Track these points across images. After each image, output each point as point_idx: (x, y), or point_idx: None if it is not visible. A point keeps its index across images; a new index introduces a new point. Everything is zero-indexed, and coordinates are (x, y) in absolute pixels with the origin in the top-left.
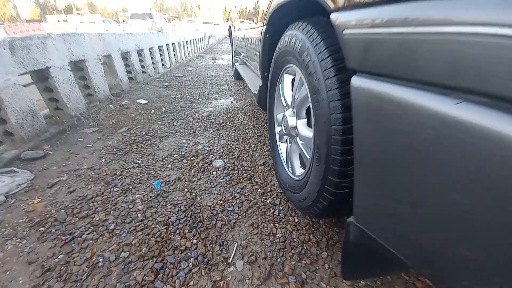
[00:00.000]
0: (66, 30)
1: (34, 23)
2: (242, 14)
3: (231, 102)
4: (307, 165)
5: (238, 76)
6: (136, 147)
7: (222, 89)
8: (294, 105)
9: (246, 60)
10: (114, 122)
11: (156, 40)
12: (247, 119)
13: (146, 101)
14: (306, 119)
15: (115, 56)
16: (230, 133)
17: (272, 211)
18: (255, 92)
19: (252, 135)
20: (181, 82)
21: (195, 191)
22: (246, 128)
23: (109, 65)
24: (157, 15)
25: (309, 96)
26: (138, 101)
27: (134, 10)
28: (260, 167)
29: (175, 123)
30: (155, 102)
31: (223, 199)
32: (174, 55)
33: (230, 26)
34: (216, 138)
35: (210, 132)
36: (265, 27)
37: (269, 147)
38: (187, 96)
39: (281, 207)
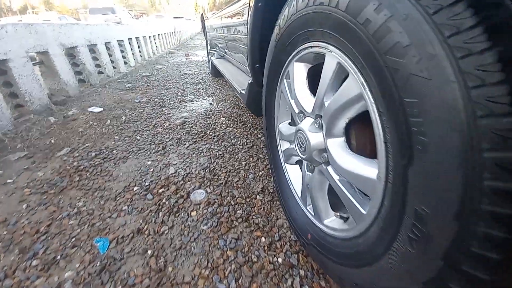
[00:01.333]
0: None
1: None
2: None
3: (210, 104)
4: (355, 220)
5: (215, 73)
6: (78, 178)
7: (198, 88)
8: (321, 113)
9: (225, 52)
10: (53, 142)
11: (115, 33)
12: (231, 125)
13: (101, 109)
14: (344, 138)
15: (55, 52)
16: (212, 146)
17: (288, 281)
18: (242, 92)
19: (241, 146)
20: (149, 82)
21: (164, 254)
22: (232, 137)
23: (47, 64)
24: (121, 9)
25: (370, 99)
26: (90, 109)
27: (95, 6)
28: (258, 197)
29: (138, 137)
30: (113, 109)
31: (210, 265)
32: (140, 51)
33: (202, 15)
34: (194, 154)
35: (186, 146)
36: None
37: (265, 162)
38: (156, 100)
39: (302, 272)
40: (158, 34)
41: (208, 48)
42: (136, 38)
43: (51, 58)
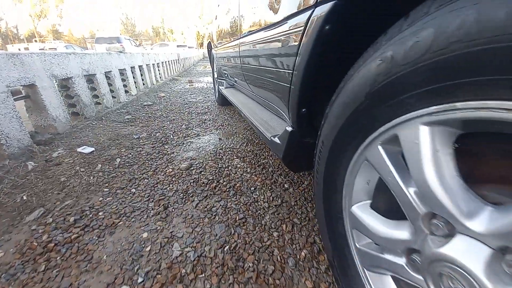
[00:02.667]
0: None
1: None
2: (234, 20)
3: (220, 139)
4: None
5: (223, 102)
6: (44, 267)
7: (204, 119)
8: None
9: (235, 82)
10: (25, 198)
11: (116, 62)
12: (249, 170)
13: (92, 149)
14: None
15: (43, 85)
16: (228, 204)
17: None
18: (274, 140)
19: (266, 204)
20: (150, 113)
21: None
22: (252, 188)
23: (33, 98)
24: (126, 39)
25: None
26: (80, 149)
27: (101, 35)
28: None
29: (133, 189)
30: (107, 148)
31: None
32: (143, 79)
33: (209, 43)
34: (207, 219)
35: (195, 204)
36: (329, 4)
37: (305, 231)
38: (157, 134)
39: None
40: (162, 62)
41: (215, 76)
42: (139, 66)
43: (38, 91)
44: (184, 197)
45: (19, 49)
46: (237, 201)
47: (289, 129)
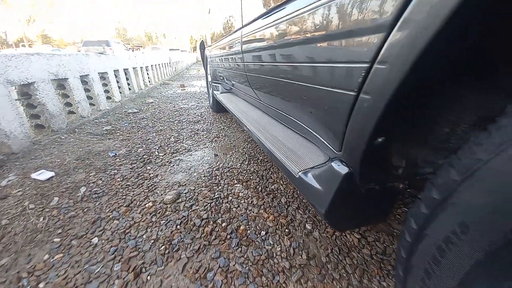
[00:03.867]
0: None
1: None
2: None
3: (215, 155)
4: None
5: (218, 108)
6: None
7: (197, 129)
8: None
9: (233, 86)
10: None
11: (96, 64)
12: (255, 202)
13: (52, 174)
14: None
15: None
16: (232, 266)
17: None
18: (305, 181)
19: (287, 263)
20: (135, 122)
21: None
22: (264, 233)
23: None
24: (116, 42)
25: None
26: (36, 175)
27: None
28: None
29: (95, 239)
30: (72, 172)
31: None
32: (129, 84)
33: (201, 42)
34: None
35: (181, 266)
36: None
37: None
38: (139, 150)
39: None
40: (152, 65)
41: (209, 79)
42: (124, 69)
43: None
44: (167, 252)
45: None
46: (243, 257)
47: (341, 168)
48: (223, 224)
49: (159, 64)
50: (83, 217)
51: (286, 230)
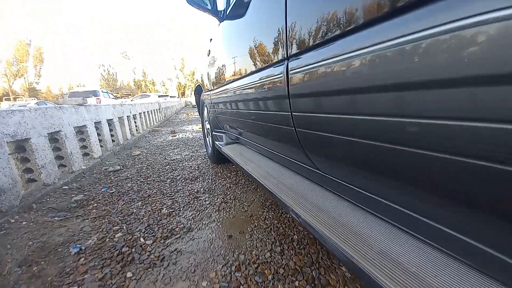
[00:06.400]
0: None
1: None
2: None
3: (229, 237)
4: None
5: (218, 159)
6: None
7: (197, 191)
8: None
9: (240, 135)
10: None
11: (71, 118)
12: None
13: None
14: None
15: None
16: None
17: None
18: None
19: None
20: (115, 184)
21: None
22: None
23: None
24: (104, 92)
25: None
26: None
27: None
28: None
29: None
30: None
31: None
32: (112, 135)
33: (198, 86)
34: None
35: None
36: None
37: None
38: (116, 237)
39: None
40: (139, 113)
41: (207, 127)
42: (108, 120)
43: None
44: None
45: None
46: None
47: None
48: None
49: (148, 111)
50: None
51: None
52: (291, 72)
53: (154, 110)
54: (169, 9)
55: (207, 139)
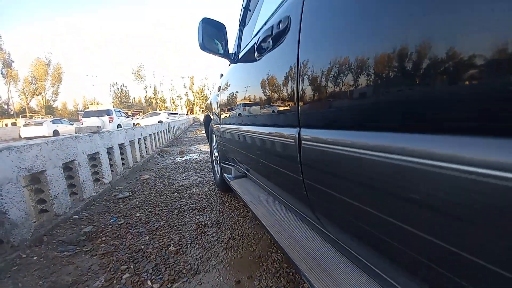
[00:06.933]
0: None
1: None
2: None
3: (237, 282)
4: None
5: (226, 188)
6: None
7: (204, 224)
8: None
9: (248, 171)
10: None
11: (85, 146)
12: None
13: None
14: None
15: None
16: None
17: None
18: None
19: None
20: (124, 215)
21: None
22: None
23: None
24: (116, 111)
25: None
26: None
27: (91, 108)
28: None
29: None
30: None
31: None
32: (123, 159)
33: (207, 115)
34: None
35: None
36: None
37: None
38: (123, 278)
39: None
40: (150, 134)
41: (215, 155)
42: (120, 144)
43: None
44: None
45: (6, 124)
46: None
47: None
48: None
49: (158, 133)
50: None
51: None
52: (303, 141)
53: (163, 130)
54: (186, 28)
55: (215, 166)
